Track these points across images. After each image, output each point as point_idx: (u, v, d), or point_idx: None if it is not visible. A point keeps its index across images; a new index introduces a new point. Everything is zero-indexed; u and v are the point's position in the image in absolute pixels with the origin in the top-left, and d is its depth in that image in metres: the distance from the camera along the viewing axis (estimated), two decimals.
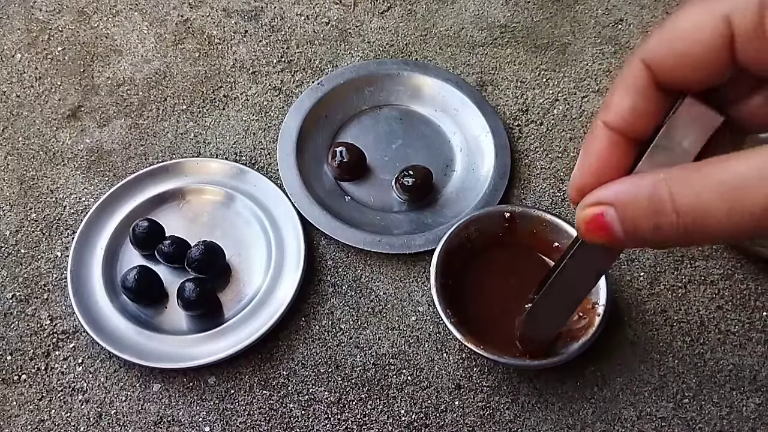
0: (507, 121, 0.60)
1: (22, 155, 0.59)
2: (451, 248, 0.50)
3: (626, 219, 0.23)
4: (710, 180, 0.21)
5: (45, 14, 0.68)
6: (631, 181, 0.23)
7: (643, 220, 0.23)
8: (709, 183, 0.21)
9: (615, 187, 0.24)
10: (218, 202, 0.56)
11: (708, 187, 0.21)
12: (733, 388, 0.48)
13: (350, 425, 0.47)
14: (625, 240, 0.24)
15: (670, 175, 0.22)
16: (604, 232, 0.24)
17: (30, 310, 0.52)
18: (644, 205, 0.22)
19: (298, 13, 0.67)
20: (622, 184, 0.23)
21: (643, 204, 0.22)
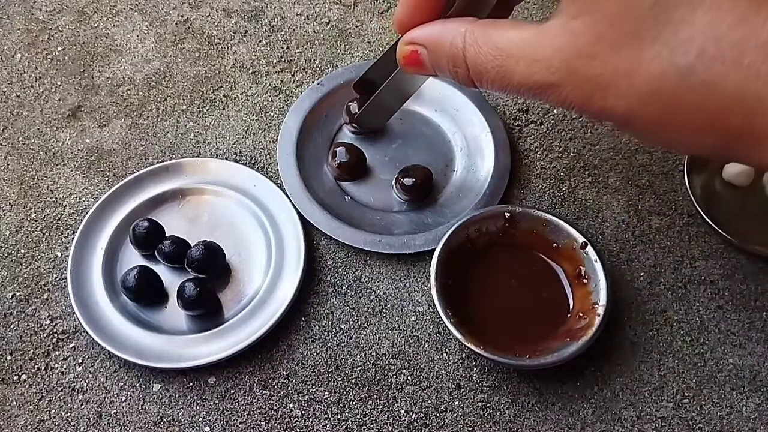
0: (507, 121, 0.60)
1: (22, 155, 0.59)
2: (451, 248, 0.50)
3: (433, 60, 0.29)
4: (490, 45, 0.25)
5: (45, 14, 0.68)
6: (441, 28, 0.28)
7: (445, 63, 0.28)
8: (489, 48, 0.25)
9: (427, 30, 0.29)
10: (218, 202, 0.56)
11: (487, 51, 0.25)
12: (733, 388, 0.49)
13: (350, 425, 0.48)
14: (435, 74, 0.30)
15: (468, 30, 0.26)
16: (418, 66, 0.30)
17: (30, 310, 0.52)
18: (446, 52, 0.27)
19: (298, 13, 0.67)
20: (434, 28, 0.29)
21: (445, 51, 0.27)
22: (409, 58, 0.30)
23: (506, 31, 0.25)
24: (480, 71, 0.26)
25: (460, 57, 0.26)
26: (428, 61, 0.29)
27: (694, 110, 0.23)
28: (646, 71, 0.22)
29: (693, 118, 0.24)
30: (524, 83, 0.24)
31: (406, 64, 0.30)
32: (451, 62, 0.27)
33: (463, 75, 0.27)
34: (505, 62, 0.24)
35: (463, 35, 0.26)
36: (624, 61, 0.22)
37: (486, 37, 0.26)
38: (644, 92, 0.23)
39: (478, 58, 0.26)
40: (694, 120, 0.24)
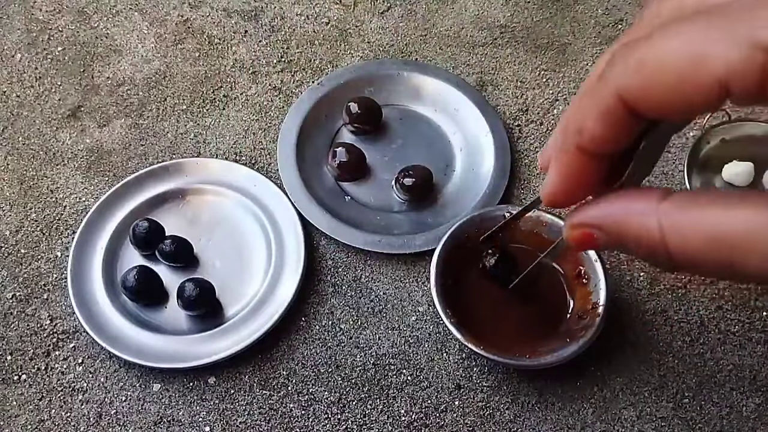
0: (507, 121, 0.60)
1: (22, 155, 0.59)
2: (451, 248, 0.50)
3: (615, 241, 0.24)
4: (703, 233, 0.21)
5: (45, 14, 0.68)
6: (622, 208, 0.23)
7: (632, 246, 0.23)
8: (703, 237, 0.21)
9: (603, 210, 0.24)
10: (218, 202, 0.56)
11: (701, 242, 0.21)
12: (733, 388, 0.49)
13: (350, 425, 0.48)
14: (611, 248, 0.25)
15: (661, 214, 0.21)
16: (592, 246, 0.25)
17: (30, 310, 0.52)
18: (633, 236, 0.22)
19: (298, 13, 0.67)
20: (611, 208, 0.23)
21: (632, 235, 0.22)
22: (581, 241, 0.25)
23: (717, 214, 0.20)
24: (690, 261, 0.21)
25: (657, 244, 0.21)
26: (606, 243, 0.24)
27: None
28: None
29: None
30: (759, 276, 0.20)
31: (575, 245, 0.25)
32: (643, 247, 0.22)
33: (663, 262, 0.22)
34: (729, 254, 0.20)
35: (656, 217, 0.21)
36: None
37: (690, 222, 0.21)
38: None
39: (686, 248, 0.21)
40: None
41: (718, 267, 0.21)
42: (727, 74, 0.18)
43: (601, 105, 0.21)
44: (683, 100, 0.19)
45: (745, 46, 0.18)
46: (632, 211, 0.22)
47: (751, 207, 0.20)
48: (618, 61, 0.21)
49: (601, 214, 0.24)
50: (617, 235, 0.23)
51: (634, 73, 0.20)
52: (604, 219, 0.23)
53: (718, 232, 0.20)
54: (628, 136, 0.22)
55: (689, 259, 0.21)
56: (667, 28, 0.20)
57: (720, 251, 0.20)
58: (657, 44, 0.20)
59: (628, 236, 0.23)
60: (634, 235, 0.22)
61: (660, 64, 0.19)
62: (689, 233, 0.21)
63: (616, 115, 0.21)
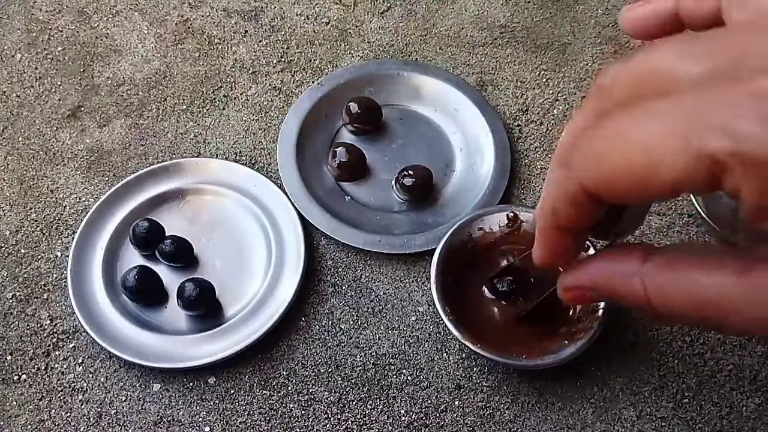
0: (507, 121, 0.60)
1: (22, 155, 0.59)
2: (453, 245, 0.50)
3: (606, 295, 0.26)
4: (683, 293, 0.22)
5: (45, 14, 0.68)
6: (607, 268, 0.25)
7: (621, 302, 0.25)
8: (683, 296, 0.22)
9: (591, 272, 0.26)
10: (218, 202, 0.56)
11: (681, 300, 0.22)
12: (733, 388, 0.49)
13: (350, 425, 0.48)
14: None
15: (644, 276, 0.23)
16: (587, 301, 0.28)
17: (30, 310, 0.52)
18: (621, 295, 0.25)
19: (298, 13, 0.67)
20: (597, 268, 0.26)
21: (619, 293, 0.25)
22: (575, 300, 0.28)
23: (694, 278, 0.22)
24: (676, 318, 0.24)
25: (644, 303, 0.23)
26: (599, 298, 0.27)
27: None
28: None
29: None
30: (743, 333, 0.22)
31: (574, 302, 0.29)
32: (631, 305, 0.24)
33: (650, 315, 0.24)
34: (710, 315, 0.22)
35: (640, 280, 0.23)
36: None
37: (672, 286, 0.22)
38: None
39: (669, 308, 0.23)
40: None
41: (702, 324, 0.23)
42: (679, 180, 0.19)
43: (567, 193, 0.23)
44: (639, 196, 0.21)
45: (694, 156, 0.18)
46: (617, 274, 0.25)
47: (726, 271, 0.21)
48: (580, 151, 0.22)
49: (589, 277, 0.26)
50: (607, 294, 0.25)
51: (593, 167, 0.21)
52: (593, 282, 0.26)
53: (697, 295, 0.22)
54: (596, 215, 0.24)
55: (674, 316, 0.23)
56: (621, 119, 0.20)
57: (701, 311, 0.22)
58: (613, 139, 0.21)
59: (618, 296, 0.25)
60: (622, 295, 0.24)
61: (616, 163, 0.20)
62: (670, 295, 0.23)
63: (582, 201, 0.23)
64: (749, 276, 0.20)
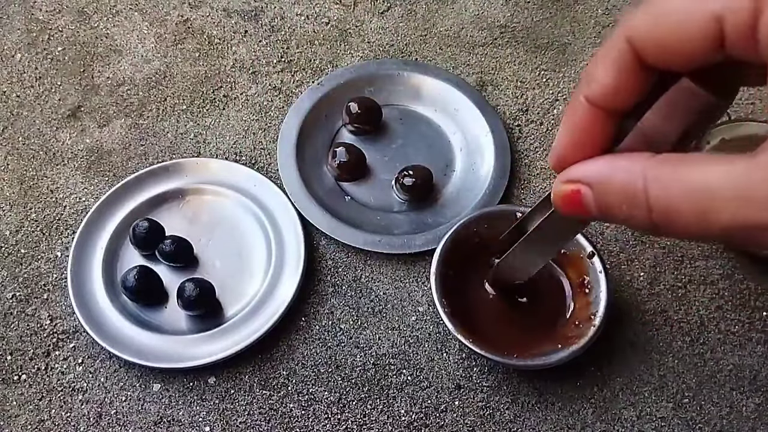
0: (507, 121, 0.60)
1: (22, 155, 0.59)
2: (457, 240, 0.50)
3: (600, 201, 0.24)
4: (684, 183, 0.21)
5: (45, 14, 0.68)
6: (609, 164, 0.24)
7: (616, 205, 0.23)
8: (683, 187, 0.21)
9: (593, 167, 0.24)
10: (218, 202, 0.56)
11: (681, 191, 0.21)
12: (733, 388, 0.49)
13: (350, 425, 0.48)
14: (599, 217, 0.25)
15: (647, 167, 0.22)
16: (579, 208, 0.25)
17: (30, 310, 0.52)
18: (618, 192, 0.23)
19: (298, 13, 0.67)
20: (601, 164, 0.24)
21: (617, 190, 0.23)
22: (568, 199, 0.25)
23: (701, 167, 0.21)
24: (670, 214, 0.22)
25: (640, 198, 0.22)
26: (592, 203, 0.24)
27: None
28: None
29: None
30: (734, 225, 0.21)
31: (563, 205, 0.25)
32: (626, 204, 0.23)
33: (641, 219, 0.23)
34: (709, 203, 0.21)
35: (642, 173, 0.22)
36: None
37: (675, 175, 0.21)
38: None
39: (668, 200, 0.21)
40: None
41: (694, 219, 0.21)
42: (722, 9, 0.19)
43: (611, 51, 0.22)
44: (686, 38, 0.20)
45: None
46: (619, 167, 0.23)
47: (734, 161, 0.20)
48: (628, 13, 0.22)
49: (591, 169, 0.24)
50: (603, 192, 0.24)
51: (642, 14, 0.21)
52: (593, 175, 0.24)
53: (699, 183, 0.21)
54: (635, 88, 0.23)
55: (666, 210, 0.22)
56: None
57: (699, 201, 0.21)
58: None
59: (614, 193, 0.23)
60: (619, 192, 0.23)
61: (666, 3, 0.21)
62: (671, 183, 0.21)
63: (625, 62, 0.22)
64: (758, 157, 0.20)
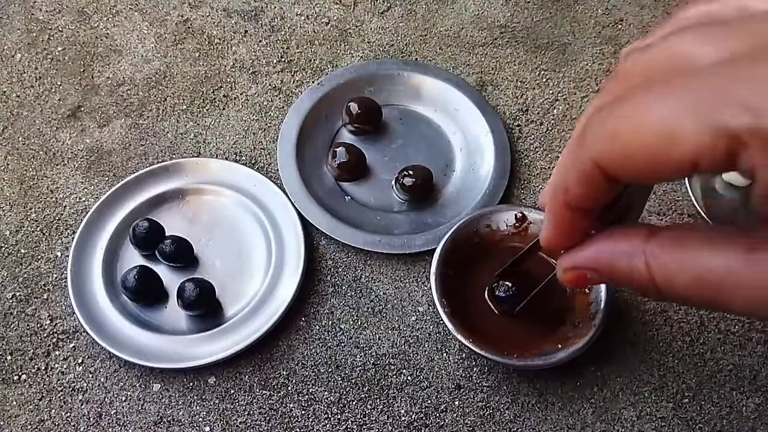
0: (507, 121, 0.60)
1: (22, 155, 0.59)
2: (458, 239, 0.50)
3: (605, 280, 0.25)
4: (688, 270, 0.22)
5: (45, 14, 0.68)
6: (610, 248, 0.24)
7: (624, 283, 0.24)
8: (687, 273, 0.22)
9: (593, 252, 0.25)
10: (218, 202, 0.56)
11: (686, 281, 0.22)
12: (733, 388, 0.49)
13: (350, 425, 0.48)
14: None
15: (648, 254, 0.23)
16: (587, 284, 0.26)
17: (30, 310, 0.52)
18: (624, 275, 0.24)
19: (298, 13, 0.67)
20: (600, 248, 0.25)
21: (622, 274, 0.24)
22: (575, 282, 0.26)
23: (700, 257, 0.21)
24: (679, 298, 0.22)
25: (648, 283, 0.22)
26: (599, 281, 0.25)
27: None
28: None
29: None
30: (747, 312, 0.21)
31: (571, 285, 0.27)
32: (635, 286, 0.23)
33: (653, 296, 0.23)
34: (715, 294, 0.21)
35: (643, 259, 0.23)
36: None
37: (676, 264, 0.22)
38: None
39: (673, 287, 0.22)
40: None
41: (706, 304, 0.22)
42: (697, 156, 0.19)
43: (579, 170, 0.23)
44: (655, 171, 0.20)
45: (713, 130, 0.18)
46: (620, 253, 0.24)
47: (732, 249, 0.21)
48: (594, 127, 0.22)
49: (591, 257, 0.25)
50: (608, 275, 0.24)
51: (608, 143, 0.21)
52: (594, 262, 0.25)
53: (702, 273, 0.21)
54: (609, 195, 0.23)
55: (678, 296, 0.22)
56: (637, 96, 0.20)
57: (706, 291, 0.21)
58: (629, 116, 0.20)
59: (619, 276, 0.24)
60: (625, 275, 0.23)
61: (632, 138, 0.20)
62: (675, 273, 0.22)
63: (594, 179, 0.22)
64: (756, 253, 0.20)
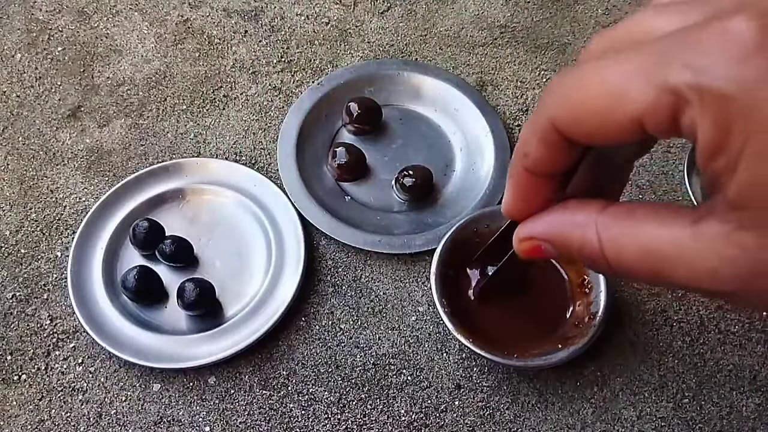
0: (507, 121, 0.60)
1: (22, 155, 0.59)
2: (458, 239, 0.50)
3: (560, 252, 0.25)
4: (634, 242, 0.22)
5: (45, 14, 0.68)
6: (563, 220, 0.25)
7: (576, 256, 0.24)
8: (633, 245, 0.22)
9: (547, 223, 0.25)
10: (218, 202, 0.56)
11: (633, 253, 0.22)
12: (733, 388, 0.49)
13: (350, 425, 0.48)
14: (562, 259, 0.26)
15: (599, 225, 0.23)
16: (543, 256, 0.26)
17: (30, 310, 0.52)
18: (576, 247, 0.24)
19: (298, 13, 0.67)
20: (554, 219, 0.25)
21: (574, 246, 0.24)
22: (531, 252, 0.26)
23: (649, 228, 0.22)
24: (626, 270, 0.23)
25: (597, 254, 0.23)
26: (554, 253, 0.26)
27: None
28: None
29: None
30: (686, 286, 0.22)
31: (527, 256, 0.27)
32: (586, 258, 0.24)
33: (603, 268, 0.24)
34: (659, 266, 0.22)
35: (595, 230, 0.23)
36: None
37: (625, 235, 0.22)
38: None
39: (621, 259, 0.22)
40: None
41: (651, 276, 0.22)
42: (641, 114, 0.19)
43: (538, 131, 0.23)
44: (606, 132, 0.21)
45: (656, 88, 0.19)
46: (573, 224, 0.24)
47: (680, 223, 0.21)
48: (552, 91, 0.22)
49: (545, 228, 0.25)
50: (561, 247, 0.25)
51: (562, 103, 0.22)
52: (548, 233, 0.25)
53: (649, 245, 0.22)
54: (567, 159, 0.24)
55: (625, 268, 0.23)
56: (591, 63, 0.21)
57: (651, 263, 0.22)
58: (582, 78, 0.21)
59: (571, 247, 0.24)
60: (576, 246, 0.24)
61: (582, 99, 0.21)
62: (624, 245, 0.22)
63: (552, 140, 0.23)
64: (701, 226, 0.21)
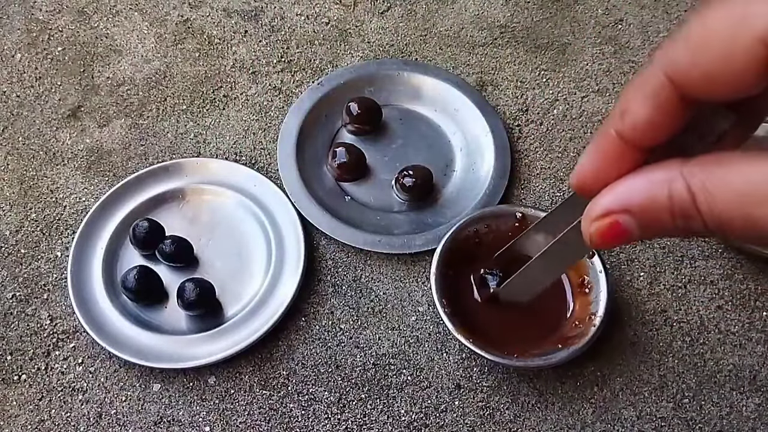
0: (507, 121, 0.60)
1: (22, 155, 0.59)
2: (458, 239, 0.50)
3: (645, 224, 0.22)
4: (729, 186, 0.20)
5: (45, 14, 0.68)
6: (643, 182, 0.22)
7: (668, 220, 0.21)
8: (728, 190, 0.20)
9: (626, 190, 0.22)
10: (218, 202, 0.56)
11: (725, 195, 0.20)
12: (733, 388, 0.49)
13: (350, 425, 0.48)
14: (643, 237, 0.23)
15: (686, 173, 0.20)
16: (622, 238, 0.23)
17: (30, 310, 0.52)
18: (667, 207, 0.21)
19: (298, 13, 0.67)
20: (633, 185, 0.22)
21: (664, 207, 0.21)
22: (608, 233, 0.22)
23: (742, 170, 0.20)
24: (720, 222, 0.20)
25: (690, 207, 0.20)
26: (635, 228, 0.22)
27: None
28: None
29: None
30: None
31: (603, 241, 0.23)
32: (680, 218, 0.21)
33: (696, 225, 0.21)
34: (759, 211, 0.20)
35: (684, 182, 0.20)
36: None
37: (717, 180, 0.20)
38: None
39: (715, 208, 0.20)
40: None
41: (747, 226, 0.20)
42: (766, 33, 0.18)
43: (647, 85, 0.21)
44: (730, 67, 0.19)
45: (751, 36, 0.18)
46: (657, 182, 0.21)
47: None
48: (665, 45, 0.20)
49: (624, 194, 0.22)
50: (648, 212, 0.22)
51: (680, 46, 0.20)
52: (629, 199, 0.22)
53: (745, 188, 0.20)
54: (673, 124, 0.22)
55: (720, 220, 0.20)
56: (702, 9, 0.20)
57: (749, 207, 0.19)
58: (702, 16, 0.20)
59: (659, 208, 0.21)
60: (665, 204, 0.21)
61: (705, 32, 0.19)
62: (717, 192, 0.20)
63: (663, 97, 0.21)
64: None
